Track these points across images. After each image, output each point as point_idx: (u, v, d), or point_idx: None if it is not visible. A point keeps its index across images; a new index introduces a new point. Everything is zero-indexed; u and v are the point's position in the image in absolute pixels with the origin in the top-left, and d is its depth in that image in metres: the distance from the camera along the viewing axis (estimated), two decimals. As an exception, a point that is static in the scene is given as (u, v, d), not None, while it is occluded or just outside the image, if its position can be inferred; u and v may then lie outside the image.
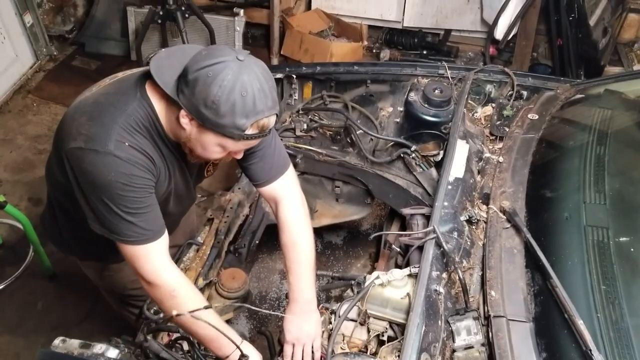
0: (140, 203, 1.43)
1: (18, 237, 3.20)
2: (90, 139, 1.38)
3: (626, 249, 1.55)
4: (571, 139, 2.09)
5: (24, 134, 4.01)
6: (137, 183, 1.41)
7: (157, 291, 1.49)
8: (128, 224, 1.43)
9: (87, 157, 1.38)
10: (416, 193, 2.17)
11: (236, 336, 1.49)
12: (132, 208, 1.42)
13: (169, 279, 1.48)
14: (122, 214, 1.42)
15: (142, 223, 1.44)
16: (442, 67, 2.46)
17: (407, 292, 1.56)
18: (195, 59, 1.33)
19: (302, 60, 4.66)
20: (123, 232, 1.44)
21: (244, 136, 1.36)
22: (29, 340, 2.80)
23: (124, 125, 1.40)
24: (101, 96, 1.48)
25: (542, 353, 1.40)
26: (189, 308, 1.42)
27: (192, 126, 1.38)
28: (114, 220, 1.43)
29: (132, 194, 1.41)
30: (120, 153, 1.38)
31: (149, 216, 1.46)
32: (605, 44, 4.20)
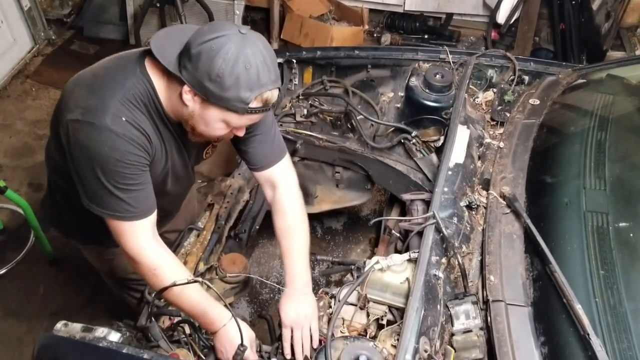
0: (131, 180, 1.43)
1: (19, 222, 3.20)
2: (87, 111, 1.38)
3: (625, 234, 1.56)
4: (572, 124, 2.09)
5: (24, 119, 4.00)
6: (130, 159, 1.41)
7: (140, 268, 1.51)
8: (116, 199, 1.43)
9: (83, 129, 1.38)
10: (416, 179, 2.17)
11: (225, 311, 1.50)
12: (123, 184, 1.42)
13: (151, 256, 1.49)
14: (111, 189, 1.41)
15: (130, 200, 1.44)
16: (444, 52, 2.45)
17: (406, 277, 1.56)
18: (198, 33, 1.33)
19: (302, 45, 4.64)
20: (110, 207, 1.44)
21: (248, 110, 1.36)
22: (31, 325, 2.82)
23: (122, 100, 1.40)
24: (101, 70, 1.48)
25: (540, 337, 1.41)
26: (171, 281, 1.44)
27: (196, 102, 1.38)
28: (103, 194, 1.43)
29: (124, 170, 1.41)
30: (117, 128, 1.37)
31: (139, 194, 1.46)
32: (608, 29, 4.17)
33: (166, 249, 1.54)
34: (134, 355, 1.43)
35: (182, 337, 1.57)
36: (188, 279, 1.45)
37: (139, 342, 1.58)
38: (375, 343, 1.45)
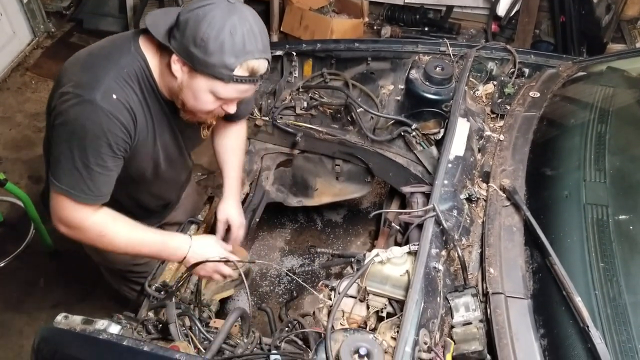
0: (101, 161, 1.43)
1: (19, 214, 3.21)
2: (79, 85, 1.39)
3: (625, 227, 1.56)
4: (572, 117, 2.08)
5: (23, 112, 4.00)
6: (109, 139, 1.41)
7: (84, 235, 1.52)
8: (78, 176, 1.42)
9: (71, 100, 1.39)
10: (416, 171, 2.17)
11: (184, 237, 1.58)
12: (92, 162, 1.41)
13: (95, 223, 1.50)
14: (78, 164, 1.41)
15: (90, 181, 1.44)
16: (444, 44, 2.44)
17: (406, 270, 1.57)
18: (188, 5, 1.36)
19: (302, 37, 4.63)
20: (68, 182, 1.44)
21: (233, 77, 1.36)
22: (31, 317, 2.82)
23: (116, 77, 1.41)
24: (96, 49, 1.50)
25: (539, 329, 1.41)
26: (122, 240, 1.50)
27: (184, 72, 1.39)
28: (68, 167, 1.42)
29: (99, 148, 1.41)
30: (105, 105, 1.38)
31: (101, 178, 1.46)
32: (608, 21, 4.15)
33: (106, 210, 1.53)
34: (134, 347, 1.43)
35: (182, 329, 1.57)
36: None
37: (138, 334, 1.59)
38: (375, 335, 1.45)
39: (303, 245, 2.94)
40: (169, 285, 1.80)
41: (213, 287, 1.87)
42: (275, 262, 2.86)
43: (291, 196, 2.56)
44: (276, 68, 2.58)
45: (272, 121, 2.34)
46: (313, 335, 1.59)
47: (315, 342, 1.56)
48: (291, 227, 3.04)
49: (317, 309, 1.66)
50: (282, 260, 2.87)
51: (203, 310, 1.75)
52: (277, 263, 2.86)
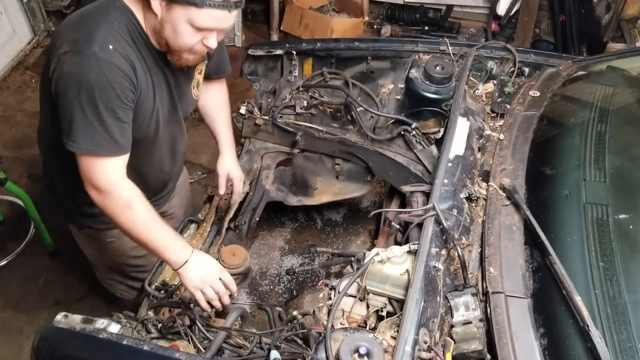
0: (113, 112, 1.45)
1: (19, 213, 3.21)
2: (75, 42, 1.42)
3: (625, 226, 1.56)
4: (572, 116, 2.08)
5: (23, 111, 4.00)
6: (116, 89, 1.43)
7: (113, 202, 1.52)
8: (94, 130, 1.45)
9: (71, 59, 1.41)
10: (416, 170, 2.17)
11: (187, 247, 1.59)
12: (105, 114, 1.44)
13: (126, 189, 1.52)
14: (92, 119, 1.43)
15: (108, 133, 1.46)
16: (444, 44, 2.43)
17: (406, 269, 1.57)
18: None
19: (302, 36, 4.63)
20: (87, 140, 1.46)
21: (206, 2, 1.39)
22: (31, 316, 2.83)
23: (108, 31, 1.44)
24: (83, 11, 1.54)
25: (539, 329, 1.41)
26: (142, 219, 1.51)
27: (162, 7, 1.43)
28: (83, 125, 1.44)
29: (108, 99, 1.43)
30: (105, 55, 1.41)
31: (117, 130, 1.48)
32: (608, 20, 4.16)
33: (137, 187, 1.56)
34: (134, 346, 1.43)
35: (181, 328, 1.57)
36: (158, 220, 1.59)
37: (138, 334, 1.59)
38: (375, 334, 1.45)
39: (303, 245, 2.94)
40: (168, 285, 1.80)
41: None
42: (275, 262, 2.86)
43: (291, 195, 2.56)
44: (276, 67, 2.58)
45: (272, 120, 2.34)
46: (313, 335, 1.59)
47: (315, 341, 1.56)
48: (291, 226, 3.04)
49: (317, 308, 1.66)
50: (281, 259, 2.87)
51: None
52: (277, 262, 2.86)
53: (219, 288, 1.62)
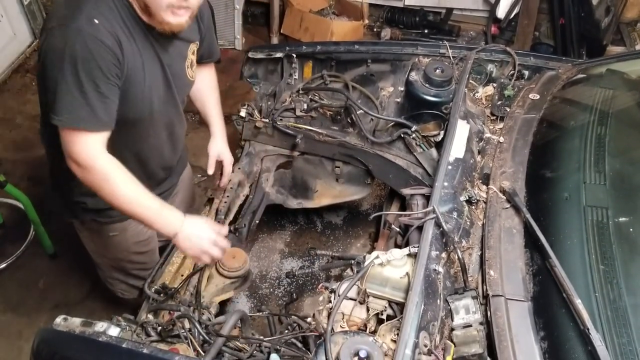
0: (95, 86, 1.46)
1: (19, 216, 3.20)
2: (62, 17, 1.45)
3: (625, 229, 1.56)
4: (572, 119, 2.09)
5: (23, 113, 4.00)
6: (98, 62, 1.44)
7: (93, 176, 1.53)
8: (78, 103, 1.46)
9: (58, 32, 1.43)
10: (416, 173, 2.17)
11: (179, 213, 1.60)
12: (87, 87, 1.45)
13: (105, 163, 1.53)
14: (74, 92, 1.45)
15: (88, 107, 1.46)
16: (444, 47, 2.44)
17: (406, 272, 1.56)
18: None
19: (302, 39, 4.63)
20: (70, 112, 1.46)
21: None
22: (31, 319, 2.82)
23: (95, 6, 1.46)
24: None
25: (540, 332, 1.41)
26: (124, 191, 1.52)
27: None
28: (66, 98, 1.45)
29: (90, 72, 1.44)
30: (89, 29, 1.43)
31: (99, 104, 1.48)
32: (608, 23, 4.16)
33: (116, 161, 1.56)
34: (134, 349, 1.43)
35: (181, 331, 1.57)
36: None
37: (138, 337, 1.58)
38: (375, 338, 1.45)
39: (303, 247, 2.94)
40: (168, 287, 1.80)
41: (213, 289, 1.87)
42: (275, 265, 2.86)
43: (291, 198, 2.56)
44: (276, 70, 2.58)
45: (272, 123, 2.34)
46: (313, 338, 1.59)
47: (315, 344, 1.56)
48: (291, 229, 3.04)
49: (317, 311, 1.66)
50: (281, 262, 2.87)
51: (203, 313, 1.75)
52: (277, 265, 2.86)
53: (214, 254, 1.67)
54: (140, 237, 2.08)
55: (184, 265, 1.91)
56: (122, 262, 2.14)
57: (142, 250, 2.13)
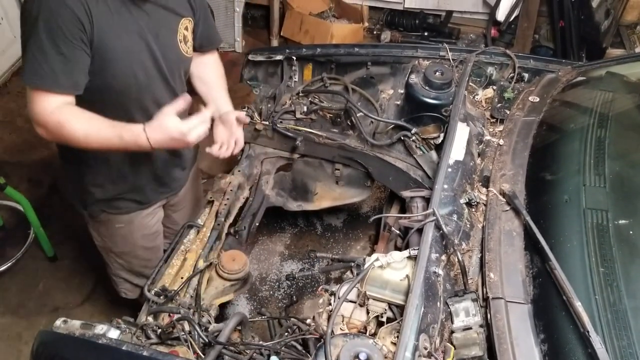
0: (55, 46, 1.47)
1: (19, 219, 3.20)
2: None
3: (625, 231, 1.56)
4: (572, 121, 2.09)
5: (23, 116, 4.00)
6: (58, 23, 1.46)
7: (50, 131, 1.55)
8: (37, 63, 1.48)
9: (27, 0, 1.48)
10: (416, 176, 2.17)
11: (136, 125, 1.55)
12: (45, 45, 1.46)
13: (57, 115, 1.53)
14: (36, 52, 1.48)
15: (46, 65, 1.48)
16: (443, 49, 2.44)
17: (406, 274, 1.56)
18: None
19: (302, 42, 4.64)
20: (33, 70, 1.49)
21: None
22: (30, 321, 2.82)
23: None
24: None
25: (540, 334, 1.41)
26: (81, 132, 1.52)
27: None
28: (30, 57, 1.49)
29: (51, 31, 1.46)
30: None
31: (58, 65, 1.49)
32: (608, 26, 4.17)
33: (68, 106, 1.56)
34: (133, 352, 1.43)
35: (181, 334, 1.57)
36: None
37: (137, 339, 1.58)
38: (375, 340, 1.45)
39: (303, 250, 2.94)
40: (168, 290, 1.80)
41: (212, 291, 1.87)
42: (275, 267, 2.86)
43: (291, 200, 2.56)
44: (276, 72, 2.59)
45: (272, 125, 2.34)
46: (313, 340, 1.59)
47: (314, 347, 1.56)
48: (291, 231, 3.04)
49: (316, 313, 1.66)
50: (281, 265, 2.87)
51: (202, 315, 1.75)
52: (277, 267, 2.86)
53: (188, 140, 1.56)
54: (146, 231, 2.11)
55: (183, 268, 1.91)
56: (128, 256, 2.16)
57: (148, 245, 2.15)
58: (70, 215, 3.32)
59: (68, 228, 3.27)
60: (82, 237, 3.20)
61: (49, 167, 3.56)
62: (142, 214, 2.05)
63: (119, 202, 1.95)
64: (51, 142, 1.72)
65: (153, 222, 2.13)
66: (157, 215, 2.15)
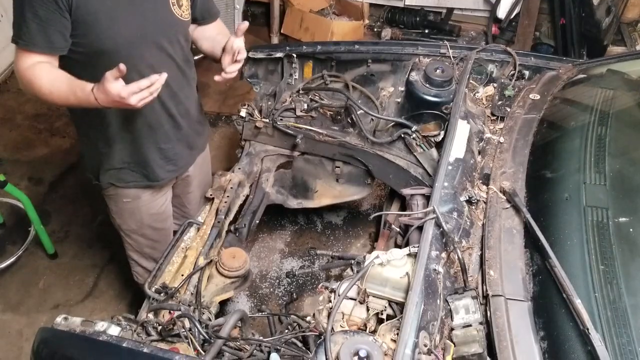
0: (32, 8, 1.59)
1: (19, 216, 3.21)
2: None
3: (625, 229, 1.56)
4: (572, 119, 2.09)
5: (23, 113, 4.00)
6: None
7: (24, 86, 1.71)
8: (18, 25, 1.64)
9: None
10: (416, 173, 2.17)
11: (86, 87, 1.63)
12: (25, 9, 1.60)
13: (28, 68, 1.68)
14: (18, 15, 1.63)
15: (26, 28, 1.62)
16: (444, 47, 2.44)
17: (406, 272, 1.56)
18: None
19: (302, 39, 4.63)
20: (15, 31, 1.66)
21: None
22: (31, 318, 2.82)
23: None
24: None
25: (539, 332, 1.41)
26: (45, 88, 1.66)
27: None
28: (15, 20, 1.65)
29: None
30: None
31: (34, 26, 1.62)
32: (609, 24, 4.16)
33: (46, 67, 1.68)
34: (134, 349, 1.43)
35: (181, 330, 1.57)
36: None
37: (138, 336, 1.58)
38: (375, 337, 1.45)
39: (303, 247, 2.94)
40: (168, 287, 1.80)
41: (213, 289, 1.87)
42: (275, 265, 2.86)
43: (291, 198, 2.56)
44: (276, 70, 2.58)
45: (273, 123, 2.34)
46: (313, 337, 1.59)
47: (315, 344, 1.56)
48: (291, 229, 3.04)
49: (317, 310, 1.66)
50: (282, 262, 2.87)
51: (203, 312, 1.75)
52: (277, 265, 2.86)
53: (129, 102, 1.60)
54: (153, 210, 2.15)
55: (184, 265, 1.91)
56: (136, 235, 2.20)
57: (156, 225, 2.19)
58: (70, 213, 3.34)
59: (68, 225, 3.27)
60: (82, 234, 3.22)
61: (49, 165, 3.57)
62: (149, 191, 2.10)
63: (125, 174, 2.00)
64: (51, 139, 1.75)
65: (160, 202, 2.17)
66: (165, 196, 2.19)
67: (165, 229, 2.26)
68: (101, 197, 2.13)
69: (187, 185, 2.29)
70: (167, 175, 2.09)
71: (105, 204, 2.16)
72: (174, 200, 2.29)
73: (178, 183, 2.24)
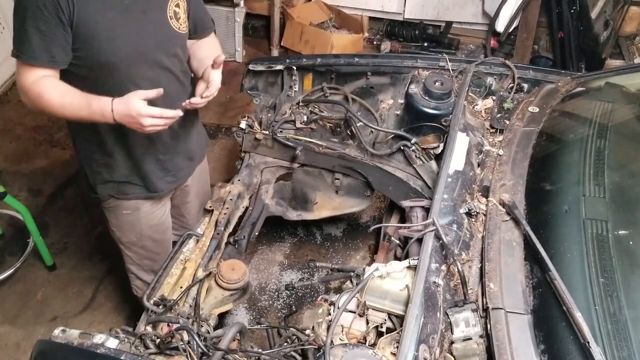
0: (34, 22, 1.60)
1: (18, 227, 3.20)
2: None
3: (625, 242, 1.56)
4: (571, 132, 2.09)
5: (23, 125, 4.01)
6: (37, 2, 1.57)
7: (29, 99, 1.70)
8: (20, 38, 1.63)
9: None
10: (416, 185, 2.17)
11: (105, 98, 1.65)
12: (27, 23, 1.60)
13: (38, 84, 1.67)
14: (19, 28, 1.62)
15: (27, 41, 1.62)
16: (443, 59, 2.45)
17: (406, 284, 1.56)
18: None
19: (302, 52, 4.65)
20: (17, 45, 1.65)
21: None
22: (29, 331, 2.81)
23: None
24: None
25: (540, 345, 1.40)
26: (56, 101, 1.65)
27: None
28: (16, 34, 1.64)
29: (32, 12, 1.59)
30: None
31: (36, 40, 1.62)
32: (607, 37, 4.19)
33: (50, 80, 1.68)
34: (132, 361, 1.42)
35: (180, 343, 1.56)
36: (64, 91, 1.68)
37: (136, 349, 1.58)
38: (374, 350, 1.44)
39: (302, 259, 2.94)
40: (167, 300, 1.79)
41: (212, 301, 1.87)
42: (274, 277, 2.85)
43: (291, 210, 2.56)
44: (276, 82, 2.60)
45: (272, 135, 2.35)
46: (312, 350, 1.58)
47: (314, 357, 1.55)
48: (290, 241, 3.04)
49: (316, 323, 1.65)
50: (281, 274, 2.86)
51: (201, 325, 1.74)
52: (276, 277, 2.85)
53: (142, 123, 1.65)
54: (152, 221, 2.14)
55: (183, 277, 1.90)
56: (136, 247, 2.19)
57: (155, 237, 2.18)
58: (69, 224, 3.33)
59: (67, 237, 3.26)
60: (81, 246, 3.21)
61: (48, 176, 3.57)
62: (148, 203, 2.09)
63: (125, 186, 2.00)
64: (50, 150, 1.75)
65: (160, 213, 2.16)
66: (164, 207, 2.19)
67: (165, 240, 2.25)
68: (100, 210, 2.12)
69: (186, 195, 2.28)
70: (166, 187, 2.08)
71: (104, 216, 2.16)
72: (173, 211, 2.28)
73: (176, 193, 2.24)
